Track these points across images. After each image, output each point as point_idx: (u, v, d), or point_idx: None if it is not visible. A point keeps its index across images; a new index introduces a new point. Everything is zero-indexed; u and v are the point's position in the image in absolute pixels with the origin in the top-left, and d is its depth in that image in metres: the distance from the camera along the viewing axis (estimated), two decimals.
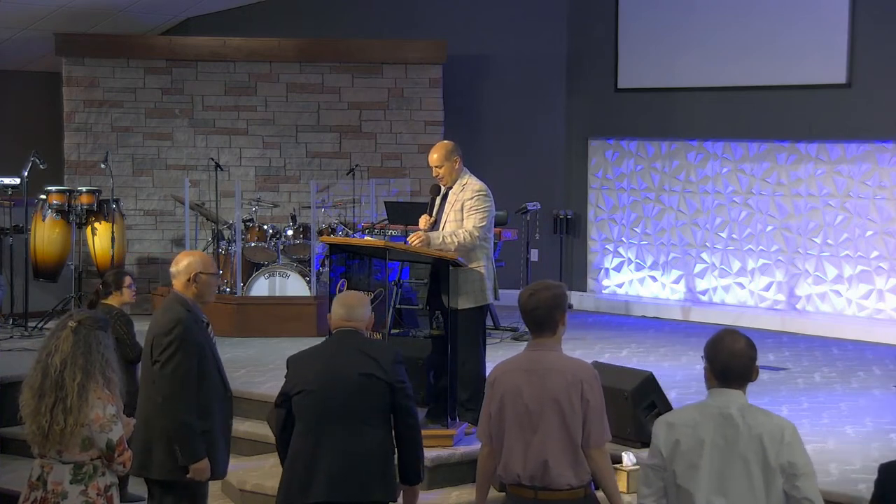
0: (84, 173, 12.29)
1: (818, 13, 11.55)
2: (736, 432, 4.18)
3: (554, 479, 4.76)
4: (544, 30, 13.13)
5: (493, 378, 4.99)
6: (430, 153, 7.54)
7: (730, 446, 4.18)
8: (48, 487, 4.95)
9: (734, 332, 4.36)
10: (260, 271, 10.90)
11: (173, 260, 5.72)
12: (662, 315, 12.32)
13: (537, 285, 4.99)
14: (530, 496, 4.81)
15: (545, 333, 4.92)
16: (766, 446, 4.15)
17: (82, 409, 4.88)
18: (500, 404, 4.89)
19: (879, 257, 11.37)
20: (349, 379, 5.10)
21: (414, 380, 7.53)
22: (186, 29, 13.11)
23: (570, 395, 4.79)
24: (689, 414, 4.31)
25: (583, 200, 13.23)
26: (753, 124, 12.00)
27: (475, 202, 7.41)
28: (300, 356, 5.30)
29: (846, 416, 8.09)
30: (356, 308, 5.30)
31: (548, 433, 4.78)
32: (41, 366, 4.98)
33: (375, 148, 12.73)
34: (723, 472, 4.18)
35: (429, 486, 7.06)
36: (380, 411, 5.13)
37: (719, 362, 4.27)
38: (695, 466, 4.20)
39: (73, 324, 4.99)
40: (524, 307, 4.92)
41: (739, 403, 4.24)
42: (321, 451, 5.07)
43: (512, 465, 4.83)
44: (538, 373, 4.85)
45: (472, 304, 7.41)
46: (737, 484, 4.16)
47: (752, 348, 4.31)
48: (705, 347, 4.34)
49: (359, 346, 5.20)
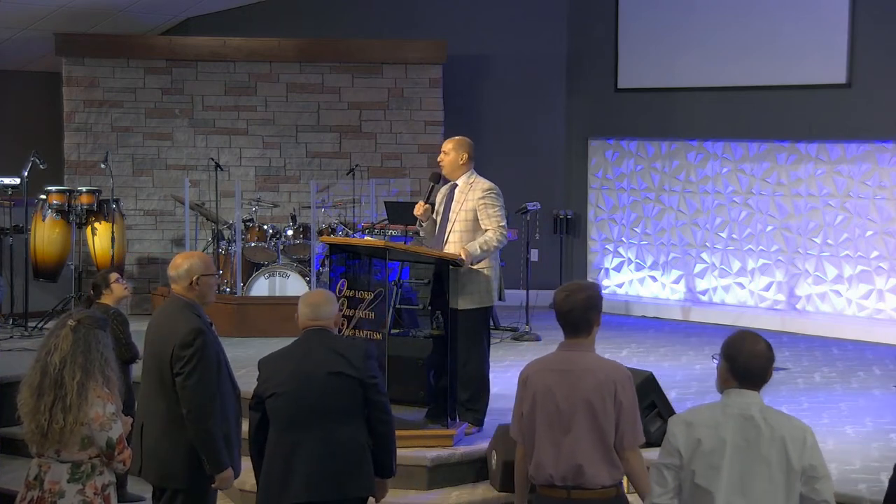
0: (84, 173, 12.29)
1: (818, 13, 11.55)
2: (758, 434, 4.18)
3: (588, 479, 4.75)
4: (544, 30, 13.13)
5: (524, 376, 4.96)
6: (447, 141, 7.63)
7: (752, 448, 4.18)
8: (45, 486, 4.94)
9: (754, 333, 4.36)
10: (260, 271, 10.90)
11: (171, 263, 5.65)
12: (662, 315, 12.32)
13: (572, 286, 4.98)
14: (563, 496, 4.79)
15: (580, 335, 4.90)
16: (788, 449, 4.15)
17: (82, 407, 4.88)
18: (532, 403, 4.86)
19: (879, 257, 11.37)
20: (320, 378, 5.13)
21: (414, 380, 7.60)
22: (186, 29, 13.11)
23: (602, 396, 4.77)
24: (709, 414, 4.29)
25: (583, 200, 13.23)
26: (753, 124, 12.00)
27: (490, 201, 7.41)
28: (271, 358, 5.33)
29: (846, 416, 8.10)
30: (322, 306, 5.31)
31: (580, 434, 4.76)
32: (40, 364, 4.97)
33: (375, 148, 12.73)
34: (744, 474, 4.17)
35: (429, 486, 7.08)
36: (353, 408, 5.15)
37: (740, 363, 4.26)
38: (716, 467, 4.19)
39: (72, 322, 4.99)
40: (559, 308, 4.90)
41: (759, 405, 4.24)
42: (297, 451, 5.11)
43: (544, 465, 4.81)
44: (571, 373, 4.83)
45: (476, 304, 7.40)
46: (758, 485, 4.16)
47: (771, 350, 4.33)
48: (724, 347, 4.33)
49: (328, 345, 5.22)
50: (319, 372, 5.13)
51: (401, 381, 7.53)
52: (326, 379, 5.12)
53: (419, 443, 7.22)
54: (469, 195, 7.45)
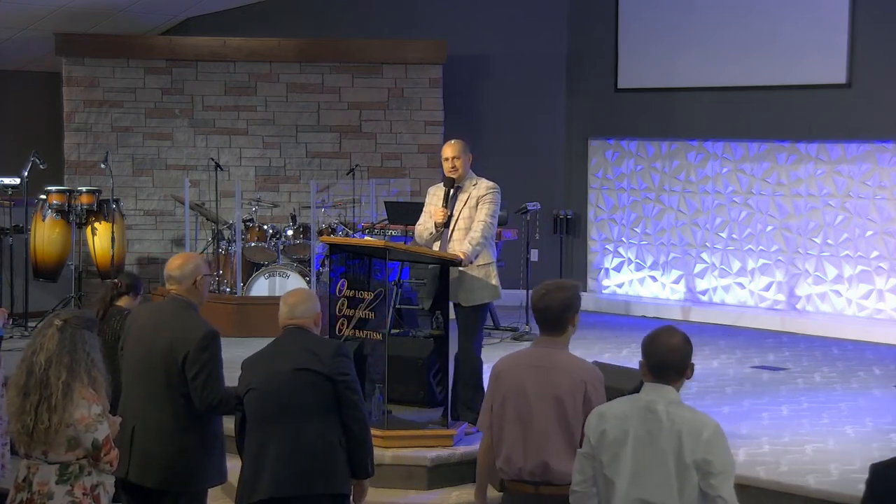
0: (84, 173, 12.29)
1: (818, 13, 11.55)
2: (659, 426, 4.26)
3: (555, 475, 4.79)
4: (544, 30, 13.12)
5: (497, 371, 5.02)
6: (445, 148, 7.64)
7: (652, 440, 4.25)
8: (34, 488, 4.91)
9: (671, 327, 4.44)
10: (260, 271, 10.90)
11: (170, 264, 5.60)
12: (662, 315, 12.31)
13: (551, 284, 5.01)
14: (531, 491, 4.85)
15: (554, 332, 4.95)
16: (683, 442, 4.21)
17: (67, 408, 4.84)
18: (503, 398, 4.91)
19: (879, 257, 11.37)
20: (286, 374, 5.16)
21: (414, 380, 7.60)
22: (186, 29, 13.11)
23: (573, 395, 4.81)
24: (619, 406, 4.40)
25: (583, 200, 13.23)
26: (753, 124, 12.00)
27: (491, 198, 7.51)
28: (251, 358, 5.40)
29: (846, 416, 8.09)
30: (298, 305, 5.36)
31: (548, 430, 4.81)
32: (26, 364, 4.94)
33: (375, 148, 12.73)
34: (642, 465, 4.25)
35: (428, 487, 7.08)
36: (320, 405, 5.15)
37: (655, 357, 4.36)
38: (618, 457, 4.29)
39: (58, 322, 4.95)
40: (536, 305, 4.96)
41: (669, 399, 4.32)
42: (266, 448, 5.15)
43: (513, 459, 4.87)
44: (543, 370, 4.87)
45: (487, 299, 7.49)
46: (653, 477, 4.22)
47: (687, 344, 4.40)
48: (642, 343, 4.43)
49: (301, 343, 5.25)
50: (286, 368, 5.18)
51: (401, 381, 7.53)
52: (294, 375, 5.15)
53: (419, 443, 7.22)
54: (473, 193, 7.51)
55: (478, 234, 7.39)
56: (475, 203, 7.48)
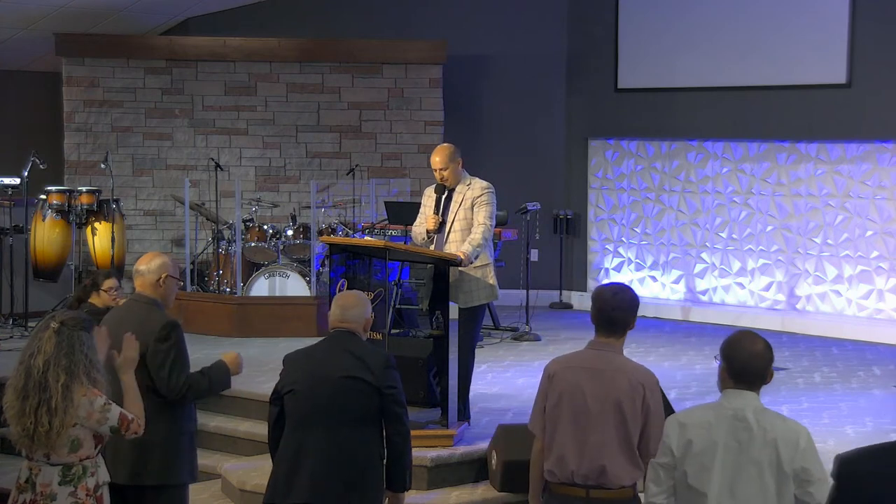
0: (84, 173, 12.30)
1: (818, 13, 11.55)
2: (750, 436, 4.15)
3: (610, 479, 4.74)
4: (544, 30, 13.12)
5: (551, 372, 4.93)
6: (433, 156, 7.58)
7: (743, 450, 4.16)
8: (37, 490, 4.88)
9: (752, 333, 4.32)
10: (260, 271, 10.89)
11: (140, 260, 5.61)
12: (662, 315, 12.32)
13: (616, 287, 4.99)
14: (581, 495, 4.77)
15: (615, 334, 4.90)
16: (780, 451, 4.12)
17: (68, 410, 4.81)
18: (558, 400, 4.84)
19: (879, 257, 11.37)
20: (334, 380, 5.08)
21: (414, 380, 7.59)
22: (186, 29, 13.11)
23: (632, 399, 4.75)
24: (702, 414, 4.27)
25: (583, 200, 13.23)
26: (753, 124, 12.00)
27: (486, 199, 7.49)
28: (295, 355, 5.30)
29: (846, 416, 8.10)
30: (350, 309, 5.26)
31: (607, 434, 4.74)
32: (24, 367, 4.88)
33: (375, 148, 12.73)
34: (735, 476, 4.15)
35: (428, 487, 7.07)
36: (365, 415, 5.08)
37: (738, 362, 4.22)
38: (707, 468, 4.17)
39: (55, 324, 4.89)
40: (607, 304, 4.89)
41: (755, 406, 4.20)
42: (305, 451, 5.07)
43: (567, 461, 4.78)
44: (602, 372, 4.81)
45: (485, 300, 7.48)
46: (748, 488, 4.14)
47: (769, 350, 4.28)
48: (722, 347, 4.29)
49: (350, 349, 5.16)
50: (335, 374, 5.09)
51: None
52: (342, 382, 5.07)
53: (419, 443, 7.17)
54: (467, 194, 7.51)
55: (478, 235, 7.39)
56: (470, 204, 7.47)
